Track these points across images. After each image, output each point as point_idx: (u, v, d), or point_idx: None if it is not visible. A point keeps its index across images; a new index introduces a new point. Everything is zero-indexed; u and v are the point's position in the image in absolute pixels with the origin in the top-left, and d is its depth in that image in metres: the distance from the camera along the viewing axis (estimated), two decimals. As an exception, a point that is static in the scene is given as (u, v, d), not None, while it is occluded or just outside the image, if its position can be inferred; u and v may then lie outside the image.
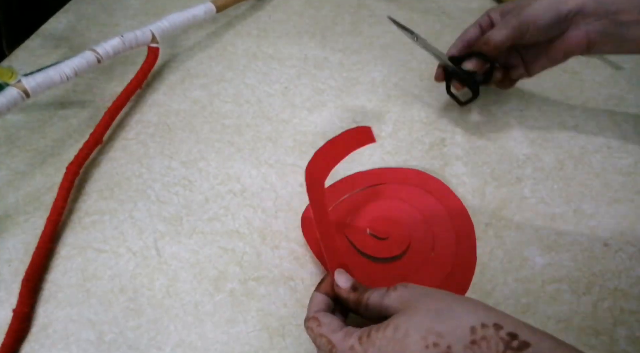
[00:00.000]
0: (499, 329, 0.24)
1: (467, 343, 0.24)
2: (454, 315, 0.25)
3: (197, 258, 0.40)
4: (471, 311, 0.25)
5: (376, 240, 0.40)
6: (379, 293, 0.30)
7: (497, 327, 0.24)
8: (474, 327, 0.24)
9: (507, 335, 0.24)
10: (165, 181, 0.45)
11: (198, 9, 0.56)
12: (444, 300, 0.26)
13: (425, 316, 0.25)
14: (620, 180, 0.45)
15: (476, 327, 0.24)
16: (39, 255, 0.38)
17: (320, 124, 0.50)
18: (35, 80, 0.44)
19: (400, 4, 0.67)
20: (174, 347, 0.35)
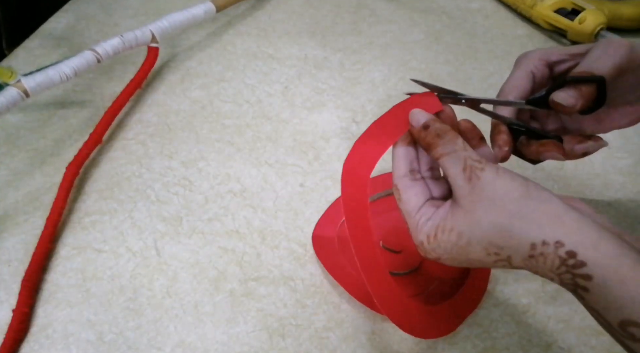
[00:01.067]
0: (559, 247, 0.24)
1: (526, 257, 0.25)
2: (515, 232, 0.25)
3: (197, 258, 0.40)
4: (535, 227, 0.25)
5: (390, 254, 0.38)
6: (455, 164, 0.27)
7: (558, 244, 0.24)
8: (534, 244, 0.25)
9: (565, 253, 0.24)
10: (165, 181, 0.45)
11: (198, 8, 0.56)
12: (510, 212, 0.26)
13: (488, 229, 0.26)
14: (620, 180, 0.45)
15: (536, 244, 0.25)
16: (39, 255, 0.38)
17: (320, 124, 0.50)
18: (34, 80, 0.44)
19: (400, 4, 0.67)
20: (173, 347, 0.35)
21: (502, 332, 0.36)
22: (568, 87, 0.31)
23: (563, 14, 0.59)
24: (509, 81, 0.34)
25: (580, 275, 0.24)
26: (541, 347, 0.35)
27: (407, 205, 0.29)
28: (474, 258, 0.27)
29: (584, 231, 0.24)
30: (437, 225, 0.28)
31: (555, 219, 0.25)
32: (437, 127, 0.29)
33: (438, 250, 0.28)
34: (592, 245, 0.24)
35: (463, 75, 0.56)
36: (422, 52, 0.59)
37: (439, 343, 0.35)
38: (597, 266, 0.23)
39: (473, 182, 0.26)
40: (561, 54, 0.34)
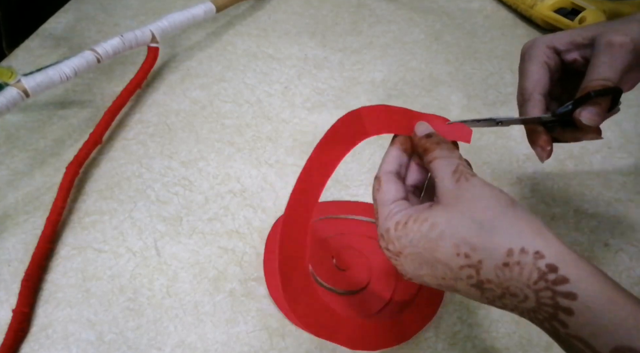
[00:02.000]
0: (538, 258, 0.22)
1: (499, 264, 0.23)
2: (494, 232, 0.23)
3: (197, 258, 0.40)
4: (515, 232, 0.23)
5: (337, 271, 0.38)
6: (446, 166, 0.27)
7: (537, 255, 0.22)
8: (511, 250, 0.23)
9: (546, 266, 0.22)
10: (165, 181, 0.45)
11: (198, 8, 0.56)
12: (493, 211, 0.24)
13: (465, 224, 0.24)
14: (620, 180, 0.45)
15: (514, 250, 0.23)
16: (39, 255, 0.38)
17: (320, 124, 0.50)
18: (35, 80, 0.44)
19: (401, 4, 0.67)
20: (173, 347, 0.35)
21: (502, 332, 0.36)
22: (590, 105, 0.31)
23: (563, 14, 0.59)
24: (528, 77, 0.34)
25: (563, 293, 0.21)
26: (541, 347, 0.35)
27: (384, 194, 0.28)
28: (440, 259, 0.24)
29: (564, 248, 0.23)
30: (410, 214, 0.26)
31: (537, 231, 0.23)
32: (439, 138, 0.29)
33: (403, 239, 0.26)
34: (573, 262, 0.22)
35: (463, 75, 0.56)
36: (422, 52, 0.59)
37: (439, 343, 0.35)
38: (582, 284, 0.21)
39: (461, 183, 0.25)
40: (566, 43, 0.34)
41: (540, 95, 0.33)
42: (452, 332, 0.36)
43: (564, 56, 0.34)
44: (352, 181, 0.45)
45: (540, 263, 0.22)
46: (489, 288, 0.24)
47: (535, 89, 0.33)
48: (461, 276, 0.24)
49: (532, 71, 0.34)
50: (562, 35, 0.34)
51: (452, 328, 0.36)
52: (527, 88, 0.34)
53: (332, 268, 0.38)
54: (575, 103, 0.32)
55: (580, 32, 0.33)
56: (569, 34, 0.34)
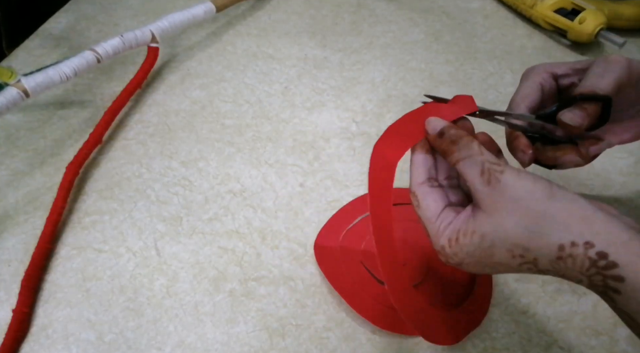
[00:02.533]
0: (588, 248, 0.23)
1: (554, 259, 0.24)
2: (542, 232, 0.24)
3: (197, 258, 0.40)
4: (562, 228, 0.24)
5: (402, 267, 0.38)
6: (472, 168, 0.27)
7: (587, 245, 0.23)
8: (562, 245, 0.24)
9: (596, 254, 0.23)
10: (165, 181, 0.45)
11: (198, 8, 0.56)
12: (535, 211, 0.25)
13: (512, 230, 0.25)
14: (620, 180, 0.45)
15: (565, 245, 0.24)
16: (39, 255, 0.38)
17: (320, 124, 0.50)
18: (34, 80, 0.44)
19: (400, 4, 0.67)
20: (173, 348, 0.35)
21: (502, 332, 0.36)
22: (575, 107, 0.32)
23: (563, 14, 0.59)
24: (519, 92, 0.35)
25: (612, 277, 0.23)
26: (541, 347, 0.35)
27: (426, 211, 0.29)
28: (497, 261, 0.26)
29: (613, 231, 0.24)
30: (459, 229, 0.27)
31: (583, 220, 0.24)
32: (452, 134, 0.29)
33: (460, 254, 0.27)
34: (622, 246, 0.23)
35: (463, 75, 0.56)
36: (422, 52, 0.59)
37: (439, 343, 0.35)
38: (630, 268, 0.23)
39: (493, 185, 0.26)
40: (565, 69, 0.35)
41: (526, 108, 0.34)
42: (452, 332, 0.36)
43: (561, 80, 0.35)
44: (352, 181, 0.45)
45: (591, 252, 0.23)
46: (549, 273, 0.25)
47: (522, 102, 0.34)
48: (522, 269, 0.26)
49: (525, 87, 0.35)
50: (564, 63, 0.35)
51: (452, 328, 0.36)
52: (516, 100, 0.35)
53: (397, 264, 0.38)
54: (559, 106, 0.32)
55: (581, 61, 0.35)
56: (570, 62, 0.35)
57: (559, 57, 0.59)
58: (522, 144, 0.34)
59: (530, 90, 0.35)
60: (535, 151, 0.35)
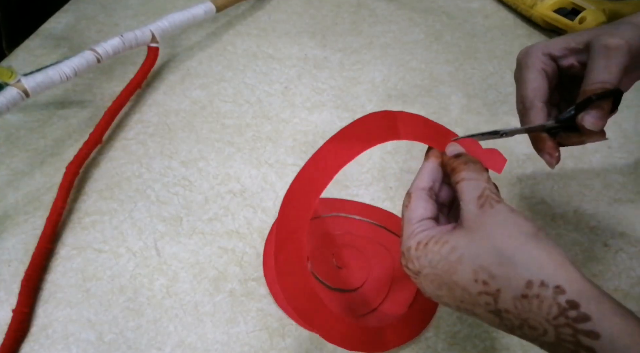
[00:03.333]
0: (559, 293, 0.22)
1: (518, 295, 0.22)
2: (514, 262, 0.23)
3: (197, 258, 0.40)
4: (536, 263, 0.23)
5: (335, 268, 0.39)
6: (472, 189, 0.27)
7: (558, 289, 0.22)
8: (530, 282, 0.22)
9: (566, 302, 0.21)
10: (165, 181, 0.45)
11: (198, 8, 0.56)
12: (515, 240, 0.24)
13: (485, 252, 0.24)
14: (620, 180, 0.45)
15: (533, 282, 0.22)
16: (39, 255, 0.38)
17: (320, 124, 0.50)
18: (35, 80, 0.44)
19: (401, 4, 0.67)
20: (173, 347, 0.35)
21: (502, 331, 0.36)
22: (593, 109, 0.31)
23: (563, 14, 0.59)
24: (528, 85, 0.34)
25: (585, 332, 0.21)
26: (541, 347, 0.35)
27: (411, 212, 0.28)
28: (458, 282, 0.24)
29: (587, 284, 0.22)
30: (432, 235, 0.26)
31: (559, 265, 0.23)
32: (468, 158, 0.29)
33: (422, 259, 0.26)
34: (595, 299, 0.21)
35: (463, 75, 0.56)
36: (422, 52, 0.59)
37: (439, 343, 0.35)
38: (605, 323, 0.20)
39: (485, 208, 0.25)
40: (561, 49, 0.34)
41: (542, 103, 0.33)
42: (452, 332, 0.36)
43: (561, 61, 0.34)
44: (352, 181, 0.45)
45: (560, 299, 0.22)
46: (507, 318, 0.23)
47: (535, 97, 0.33)
48: (479, 302, 0.24)
49: (531, 78, 0.33)
50: (557, 41, 0.34)
51: (452, 328, 0.36)
52: (528, 96, 0.33)
53: (330, 264, 0.39)
54: (577, 108, 0.32)
55: (575, 38, 0.33)
56: (563, 40, 0.34)
57: (559, 57, 0.59)
58: (548, 147, 0.33)
59: (537, 82, 0.33)
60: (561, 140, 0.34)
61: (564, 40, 0.34)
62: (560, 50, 0.34)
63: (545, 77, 0.33)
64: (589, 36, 0.32)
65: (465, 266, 0.24)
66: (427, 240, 0.26)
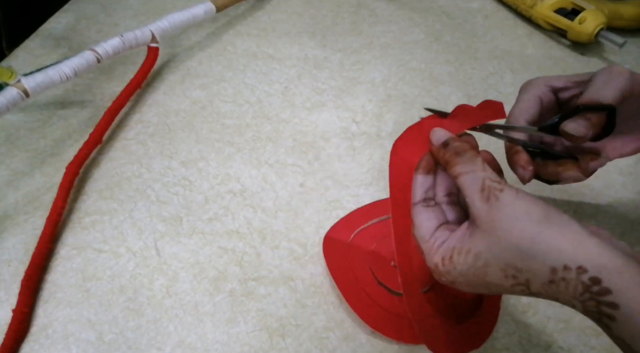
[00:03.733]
0: (581, 273, 0.23)
1: (546, 282, 0.24)
2: (535, 254, 0.24)
3: (197, 258, 0.40)
4: (555, 250, 0.24)
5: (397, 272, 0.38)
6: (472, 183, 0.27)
7: (580, 270, 0.23)
8: (554, 268, 0.24)
9: (589, 279, 0.23)
10: (165, 181, 0.45)
11: (198, 8, 0.56)
12: (530, 232, 0.25)
13: (506, 250, 0.25)
14: (620, 180, 0.45)
15: (557, 268, 0.24)
16: (39, 255, 0.38)
17: (320, 124, 0.50)
18: (35, 80, 0.44)
19: (401, 4, 0.67)
20: (173, 347, 0.35)
21: (502, 332, 0.36)
22: (578, 117, 0.31)
23: (563, 14, 0.59)
24: (518, 105, 0.35)
25: (606, 303, 0.23)
26: (541, 347, 0.35)
27: (419, 230, 0.29)
28: (491, 282, 0.26)
29: (606, 257, 0.23)
30: (453, 247, 0.27)
31: (577, 244, 0.24)
32: (456, 146, 0.29)
33: (453, 272, 0.27)
34: (616, 271, 0.23)
35: (463, 75, 0.56)
36: (422, 52, 0.59)
37: (439, 343, 0.35)
38: (624, 294, 0.22)
39: (491, 202, 0.26)
40: (565, 81, 0.35)
41: (525, 121, 0.34)
42: (452, 332, 0.36)
43: (561, 94, 0.35)
44: (352, 181, 0.45)
45: (584, 277, 0.23)
46: (543, 297, 0.25)
47: (521, 115, 0.34)
48: (515, 291, 0.26)
49: (524, 100, 0.34)
50: (562, 76, 0.35)
51: (452, 328, 0.36)
52: (514, 114, 0.34)
53: (391, 269, 0.38)
54: (562, 117, 0.32)
55: (581, 74, 0.34)
56: (569, 76, 0.35)
57: (559, 57, 0.59)
58: (522, 159, 0.34)
59: (529, 103, 0.34)
60: (536, 166, 0.35)
61: (570, 76, 0.35)
62: (564, 82, 0.35)
63: (539, 104, 0.34)
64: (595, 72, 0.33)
65: (494, 268, 0.25)
66: (450, 253, 0.27)
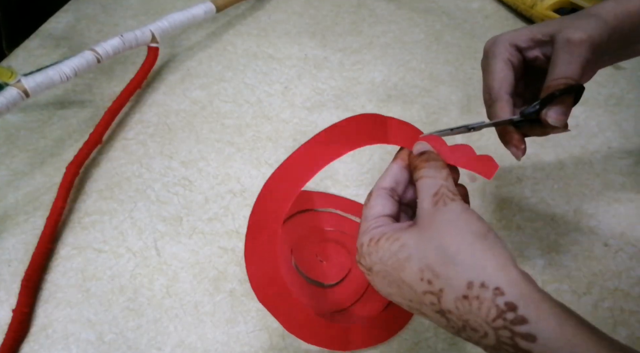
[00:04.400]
0: (498, 295, 0.22)
1: (459, 296, 0.23)
2: (457, 262, 0.23)
3: (197, 258, 0.40)
4: (479, 265, 0.23)
5: (317, 262, 0.39)
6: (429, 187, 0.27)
7: (497, 291, 0.22)
8: (471, 283, 0.22)
9: (505, 304, 0.21)
10: (165, 181, 0.45)
11: (198, 8, 0.56)
12: (461, 240, 0.24)
13: (432, 250, 0.24)
14: (620, 180, 0.45)
15: (474, 283, 0.22)
16: (39, 255, 0.38)
17: (320, 124, 0.50)
18: (35, 80, 0.44)
19: (401, 3, 0.67)
20: (173, 347, 0.35)
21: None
22: (556, 105, 0.31)
23: (563, 14, 0.59)
24: (494, 75, 0.34)
25: (521, 335, 0.21)
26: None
27: (369, 210, 0.28)
28: (405, 280, 0.24)
29: (527, 287, 0.22)
30: (385, 232, 0.26)
31: (501, 267, 0.23)
32: (430, 156, 0.29)
33: (374, 256, 0.26)
34: (534, 302, 0.21)
35: (463, 75, 0.56)
36: (422, 52, 0.59)
37: (439, 343, 0.35)
38: (541, 325, 0.21)
39: (438, 206, 0.25)
40: (526, 40, 0.34)
41: (508, 95, 0.33)
42: (452, 332, 0.36)
43: (526, 53, 0.34)
44: (352, 181, 0.45)
45: (499, 300, 0.22)
46: (451, 319, 0.23)
47: (501, 88, 0.33)
48: (425, 301, 0.24)
49: (498, 69, 0.34)
50: (523, 32, 0.34)
51: (452, 328, 0.36)
52: (494, 87, 0.34)
53: (313, 257, 0.39)
54: (541, 103, 0.32)
55: (540, 29, 0.34)
56: (529, 31, 0.34)
57: (559, 57, 0.59)
58: (515, 139, 0.33)
59: (504, 72, 0.33)
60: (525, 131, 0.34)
61: (529, 31, 0.34)
62: (526, 41, 0.34)
63: (511, 68, 0.34)
64: (554, 28, 0.32)
65: (413, 265, 0.24)
66: (380, 236, 0.26)
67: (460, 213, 0.25)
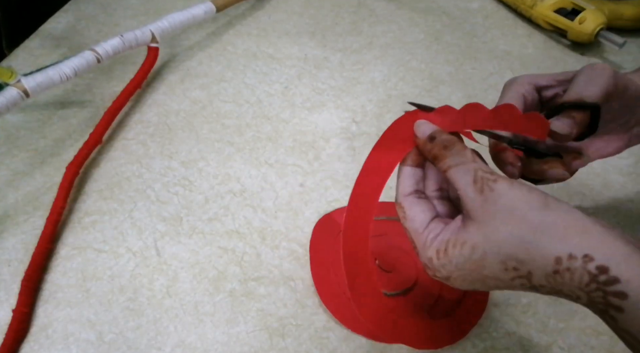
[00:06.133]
0: (587, 261, 0.22)
1: (550, 273, 0.23)
2: (538, 243, 0.23)
3: (197, 258, 0.40)
4: (558, 238, 0.23)
5: (382, 272, 0.38)
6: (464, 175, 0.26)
7: (586, 258, 0.22)
8: (559, 257, 0.22)
9: (596, 268, 0.22)
10: (165, 181, 0.45)
11: (198, 8, 0.56)
12: (530, 221, 0.23)
13: (506, 241, 0.24)
14: (620, 180, 0.45)
15: (562, 257, 0.22)
16: (39, 255, 0.38)
17: (320, 124, 0.50)
18: (35, 80, 0.44)
19: (401, 3, 0.67)
20: (173, 348, 0.35)
21: (502, 332, 0.36)
22: (563, 116, 0.31)
23: (563, 14, 0.59)
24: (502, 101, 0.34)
25: (614, 293, 0.21)
26: (541, 347, 0.35)
27: (413, 223, 0.28)
28: (489, 275, 0.24)
29: (613, 244, 0.22)
30: (448, 239, 0.26)
31: (581, 232, 0.23)
32: (444, 139, 0.28)
33: (448, 266, 0.25)
34: (624, 260, 0.22)
35: (463, 75, 0.56)
36: (422, 52, 0.59)
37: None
38: (632, 284, 0.21)
39: (485, 194, 0.24)
40: (548, 80, 0.34)
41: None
42: (452, 332, 0.36)
43: (544, 92, 0.34)
44: (352, 181, 0.45)
45: (590, 266, 0.22)
46: (544, 290, 0.24)
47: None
48: (514, 285, 0.24)
49: (508, 98, 0.33)
50: (546, 74, 0.34)
51: (452, 328, 0.36)
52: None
53: (376, 270, 0.38)
54: (546, 115, 0.31)
55: (565, 73, 0.34)
56: (553, 74, 0.34)
57: (559, 57, 0.59)
58: (510, 157, 0.33)
59: (512, 101, 0.33)
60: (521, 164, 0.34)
61: (554, 74, 0.34)
62: (548, 80, 0.34)
63: (522, 103, 0.33)
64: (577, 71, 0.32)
65: (492, 261, 0.24)
66: (445, 245, 0.26)
67: (511, 193, 0.24)
